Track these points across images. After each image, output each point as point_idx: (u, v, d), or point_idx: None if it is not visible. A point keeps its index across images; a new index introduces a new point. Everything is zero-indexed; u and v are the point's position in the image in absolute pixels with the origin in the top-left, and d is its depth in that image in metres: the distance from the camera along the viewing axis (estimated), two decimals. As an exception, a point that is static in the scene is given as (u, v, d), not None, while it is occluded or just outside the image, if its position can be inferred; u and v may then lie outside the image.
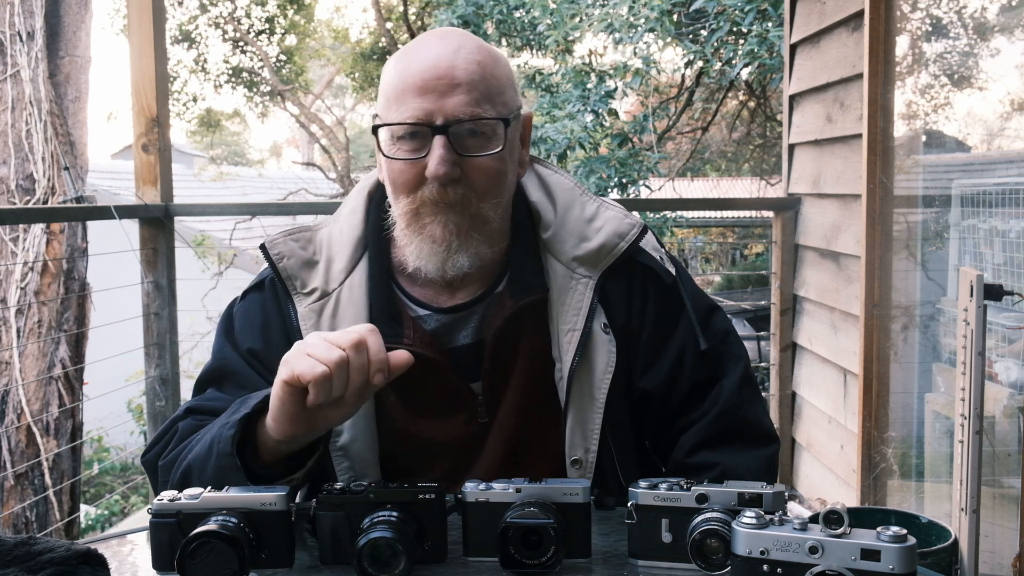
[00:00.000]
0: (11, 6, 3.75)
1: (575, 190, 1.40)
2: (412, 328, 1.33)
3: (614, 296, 1.35)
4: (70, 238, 3.92)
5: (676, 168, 11.49)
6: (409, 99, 1.23)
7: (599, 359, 1.32)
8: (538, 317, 1.34)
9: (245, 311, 1.40)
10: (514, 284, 1.34)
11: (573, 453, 1.32)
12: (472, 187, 1.25)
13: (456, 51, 1.24)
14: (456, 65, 1.23)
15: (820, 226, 3.45)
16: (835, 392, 3.31)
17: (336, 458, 1.32)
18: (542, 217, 1.37)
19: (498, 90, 1.26)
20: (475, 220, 1.27)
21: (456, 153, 1.23)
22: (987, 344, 2.10)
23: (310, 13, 14.78)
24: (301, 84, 14.84)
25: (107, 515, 7.24)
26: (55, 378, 3.82)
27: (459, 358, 1.34)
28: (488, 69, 1.26)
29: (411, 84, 1.23)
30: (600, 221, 1.36)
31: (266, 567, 1.06)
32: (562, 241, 1.35)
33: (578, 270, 1.34)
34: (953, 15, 3.64)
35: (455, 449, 1.35)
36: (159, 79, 3.54)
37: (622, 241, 1.34)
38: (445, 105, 1.22)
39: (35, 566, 0.96)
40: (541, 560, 1.04)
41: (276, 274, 1.35)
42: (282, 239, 1.36)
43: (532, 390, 1.34)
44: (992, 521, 2.53)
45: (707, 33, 7.03)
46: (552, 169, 1.43)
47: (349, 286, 1.34)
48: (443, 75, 1.22)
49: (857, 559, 0.89)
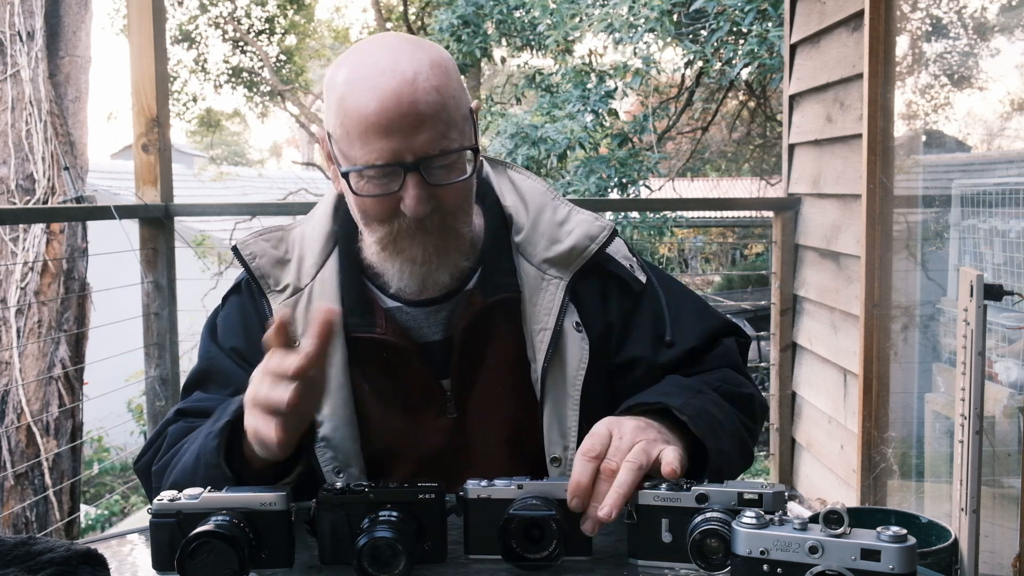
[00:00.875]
0: (11, 6, 3.75)
1: (547, 194, 1.42)
2: (384, 319, 1.35)
3: (586, 295, 1.37)
4: (70, 238, 3.92)
5: (676, 168, 11.50)
6: (373, 139, 1.21)
7: (571, 356, 1.34)
8: (511, 318, 1.36)
9: (226, 314, 1.43)
10: (485, 282, 1.36)
11: (552, 451, 1.34)
12: (447, 210, 1.27)
13: (414, 80, 1.21)
14: (417, 99, 1.20)
15: (820, 226, 3.45)
16: (835, 392, 3.31)
17: (319, 449, 1.33)
18: (515, 221, 1.39)
19: (457, 109, 1.25)
20: (451, 236, 1.29)
21: (429, 186, 1.23)
22: (987, 344, 2.10)
23: (310, 13, 14.80)
24: (301, 84, 14.85)
25: (107, 515, 7.25)
26: (55, 378, 3.82)
27: (430, 353, 1.36)
28: (446, 92, 1.23)
29: (374, 124, 1.20)
30: (571, 224, 1.38)
31: (266, 567, 1.06)
32: (534, 244, 1.37)
33: (549, 271, 1.36)
34: (953, 15, 3.64)
35: (428, 444, 1.37)
36: (159, 79, 3.54)
37: (592, 243, 1.36)
38: (413, 143, 1.21)
39: (35, 566, 0.96)
40: (543, 554, 1.04)
41: (249, 273, 1.38)
42: (253, 240, 1.39)
43: (504, 389, 1.36)
44: (992, 521, 2.53)
45: (707, 33, 7.04)
46: (524, 174, 1.45)
47: (320, 280, 1.36)
48: (407, 112, 1.20)
49: (857, 559, 0.89)
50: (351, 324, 1.34)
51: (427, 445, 1.36)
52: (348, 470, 1.34)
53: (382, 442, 1.37)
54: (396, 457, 1.37)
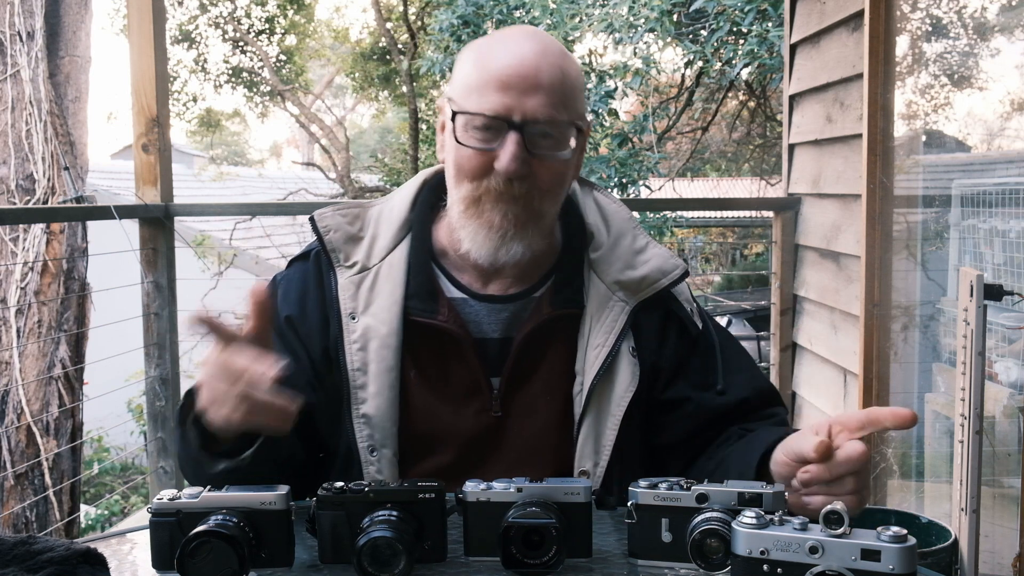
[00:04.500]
0: (11, 6, 3.75)
1: (630, 222, 1.45)
2: (447, 307, 1.37)
3: (646, 327, 1.39)
4: (70, 238, 3.92)
5: (676, 168, 11.49)
6: (490, 92, 1.26)
7: (622, 377, 1.35)
8: (569, 330, 1.38)
9: (288, 279, 1.44)
10: (557, 293, 1.38)
11: (582, 464, 1.34)
12: (537, 185, 1.30)
13: (542, 53, 1.28)
14: (540, 67, 1.27)
15: (820, 226, 3.45)
16: (835, 392, 3.31)
17: (358, 425, 1.34)
18: (595, 238, 1.42)
19: (575, 97, 1.31)
20: (534, 214, 1.31)
21: (527, 151, 1.27)
22: (987, 344, 2.10)
23: (310, 13, 14.79)
24: (301, 84, 14.85)
25: (107, 515, 7.25)
26: (55, 378, 3.82)
27: (485, 349, 1.37)
28: (569, 76, 1.30)
29: (494, 77, 1.27)
30: (648, 255, 1.41)
31: (266, 566, 1.06)
32: (609, 264, 1.40)
33: (617, 293, 1.38)
34: (953, 15, 3.64)
35: (467, 438, 1.37)
36: (159, 79, 3.54)
37: (664, 277, 1.39)
38: (525, 104, 1.26)
39: (35, 565, 0.96)
40: (543, 560, 1.04)
41: (322, 245, 1.39)
42: (330, 213, 1.41)
43: (549, 397, 1.37)
44: (992, 521, 2.53)
45: (707, 33, 7.03)
46: (611, 199, 1.48)
47: (389, 263, 1.38)
48: (527, 74, 1.26)
49: (857, 559, 0.89)
50: (412, 308, 1.36)
51: (464, 439, 1.37)
52: (382, 450, 1.34)
53: (421, 428, 1.37)
54: (431, 445, 1.38)
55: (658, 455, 1.41)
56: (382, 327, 1.35)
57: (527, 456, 1.36)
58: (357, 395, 1.34)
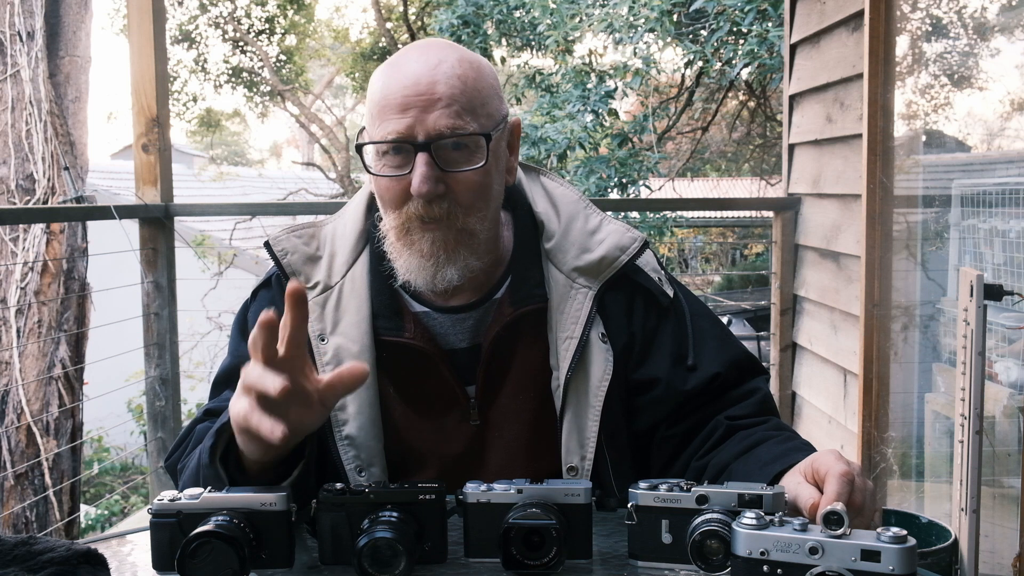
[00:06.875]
0: (11, 6, 3.75)
1: (579, 203, 1.42)
2: (412, 323, 1.35)
3: (613, 308, 1.37)
4: (70, 238, 3.92)
5: (676, 168, 11.49)
6: (390, 116, 1.24)
7: (596, 367, 1.33)
8: (536, 326, 1.36)
9: (256, 310, 1.42)
10: (515, 292, 1.36)
11: (569, 460, 1.33)
12: (457, 202, 1.26)
13: (436, 66, 1.25)
14: (436, 80, 1.24)
15: (820, 226, 3.45)
16: (835, 392, 3.31)
17: (343, 447, 1.34)
18: (546, 227, 1.39)
19: (480, 102, 1.27)
20: (462, 234, 1.28)
21: (439, 169, 1.24)
22: (987, 344, 2.10)
23: (310, 13, 14.79)
24: (301, 84, 14.84)
25: (107, 515, 7.25)
26: (55, 378, 3.82)
27: (456, 360, 1.36)
28: (470, 82, 1.26)
29: (392, 101, 1.24)
30: (602, 234, 1.38)
31: (266, 567, 1.06)
32: (564, 251, 1.37)
33: (578, 280, 1.36)
34: (953, 15, 3.64)
35: (450, 449, 1.37)
36: (159, 79, 3.54)
37: (623, 254, 1.36)
38: (426, 121, 1.23)
39: (35, 566, 0.96)
40: (543, 561, 1.04)
41: (280, 269, 1.38)
42: (285, 235, 1.39)
43: (527, 397, 1.36)
44: (992, 521, 2.53)
45: (707, 33, 7.04)
46: (558, 181, 1.45)
47: (351, 279, 1.37)
48: (423, 91, 1.23)
49: (857, 560, 0.89)
50: (380, 327, 1.34)
51: (449, 449, 1.36)
52: (370, 469, 1.34)
53: (405, 444, 1.37)
54: (418, 459, 1.37)
55: (642, 442, 1.39)
56: (353, 346, 1.33)
57: (512, 459, 1.35)
58: (337, 417, 1.33)
